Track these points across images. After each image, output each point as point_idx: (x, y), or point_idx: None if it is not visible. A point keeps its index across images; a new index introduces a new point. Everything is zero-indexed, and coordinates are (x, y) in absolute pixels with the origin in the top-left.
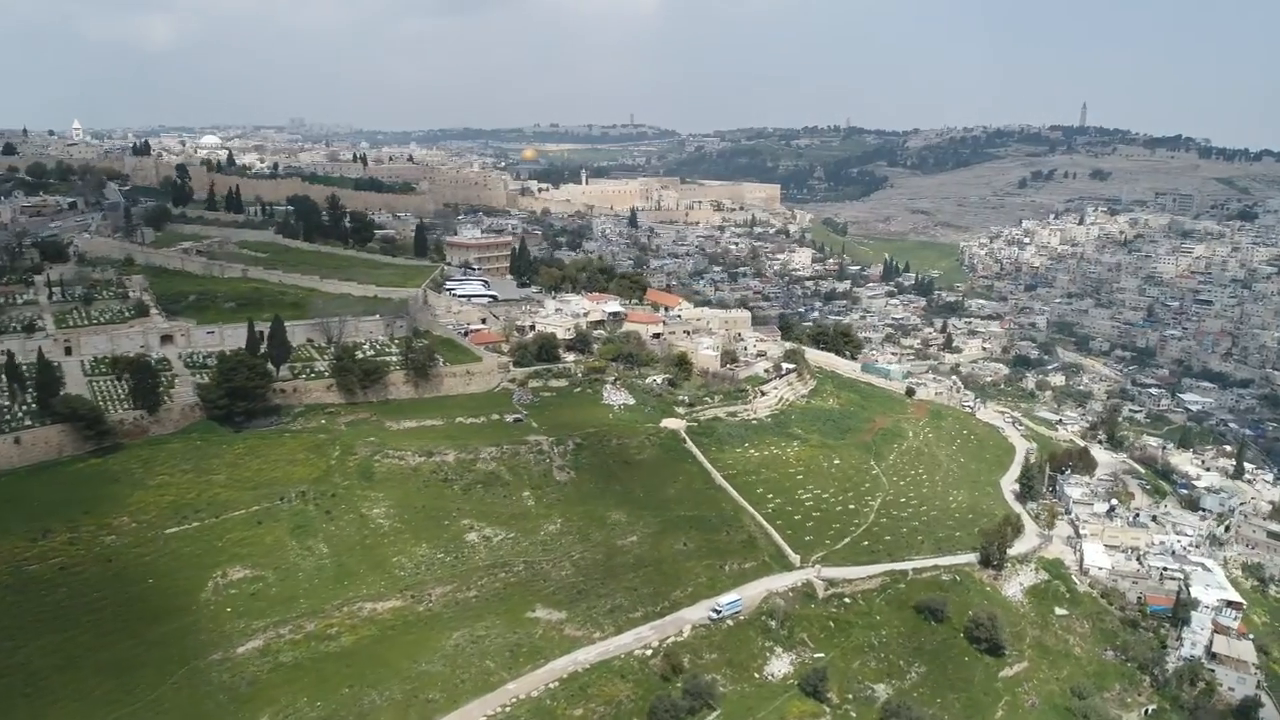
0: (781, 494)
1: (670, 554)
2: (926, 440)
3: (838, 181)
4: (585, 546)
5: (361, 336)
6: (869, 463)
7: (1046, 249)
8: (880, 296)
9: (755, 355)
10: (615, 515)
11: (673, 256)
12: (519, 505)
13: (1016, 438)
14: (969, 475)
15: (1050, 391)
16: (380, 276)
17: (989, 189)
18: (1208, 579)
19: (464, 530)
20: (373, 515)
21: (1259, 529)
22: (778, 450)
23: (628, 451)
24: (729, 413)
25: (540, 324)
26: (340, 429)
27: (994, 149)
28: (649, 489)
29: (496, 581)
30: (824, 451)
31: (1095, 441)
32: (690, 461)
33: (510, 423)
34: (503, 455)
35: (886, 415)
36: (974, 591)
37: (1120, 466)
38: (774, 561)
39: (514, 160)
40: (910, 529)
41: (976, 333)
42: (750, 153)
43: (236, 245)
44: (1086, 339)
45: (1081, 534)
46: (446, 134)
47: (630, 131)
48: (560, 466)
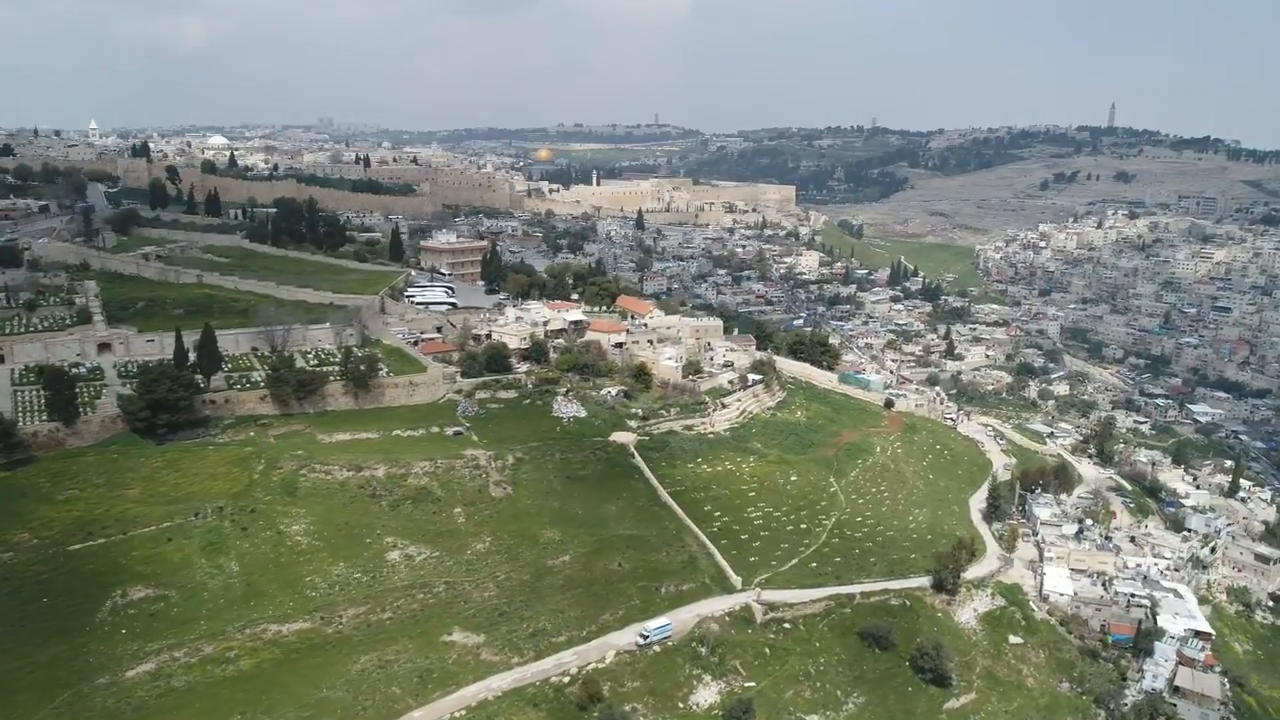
0: (730, 512)
1: (603, 575)
2: (894, 456)
3: (858, 182)
4: (513, 566)
5: (309, 345)
6: (828, 479)
7: (1062, 253)
8: (884, 301)
9: (721, 366)
10: (549, 533)
11: (677, 259)
12: (448, 522)
13: (995, 452)
14: (935, 493)
15: (1053, 401)
16: (341, 283)
17: (1010, 191)
18: (1177, 607)
19: (386, 549)
20: (291, 532)
21: (1246, 551)
22: (732, 466)
23: (571, 466)
24: (685, 426)
25: (497, 333)
26: (269, 442)
27: (1018, 150)
28: (589, 506)
29: (414, 603)
30: (781, 467)
31: (1085, 456)
32: (637, 477)
33: (450, 436)
34: (436, 470)
35: (856, 429)
36: (924, 617)
37: (1106, 483)
38: (714, 583)
39: (533, 160)
40: (863, 550)
41: (981, 339)
42: (772, 153)
43: (200, 250)
44: (1100, 346)
45: (1046, 557)
46: (472, 134)
47: (654, 131)
48: (497, 482)
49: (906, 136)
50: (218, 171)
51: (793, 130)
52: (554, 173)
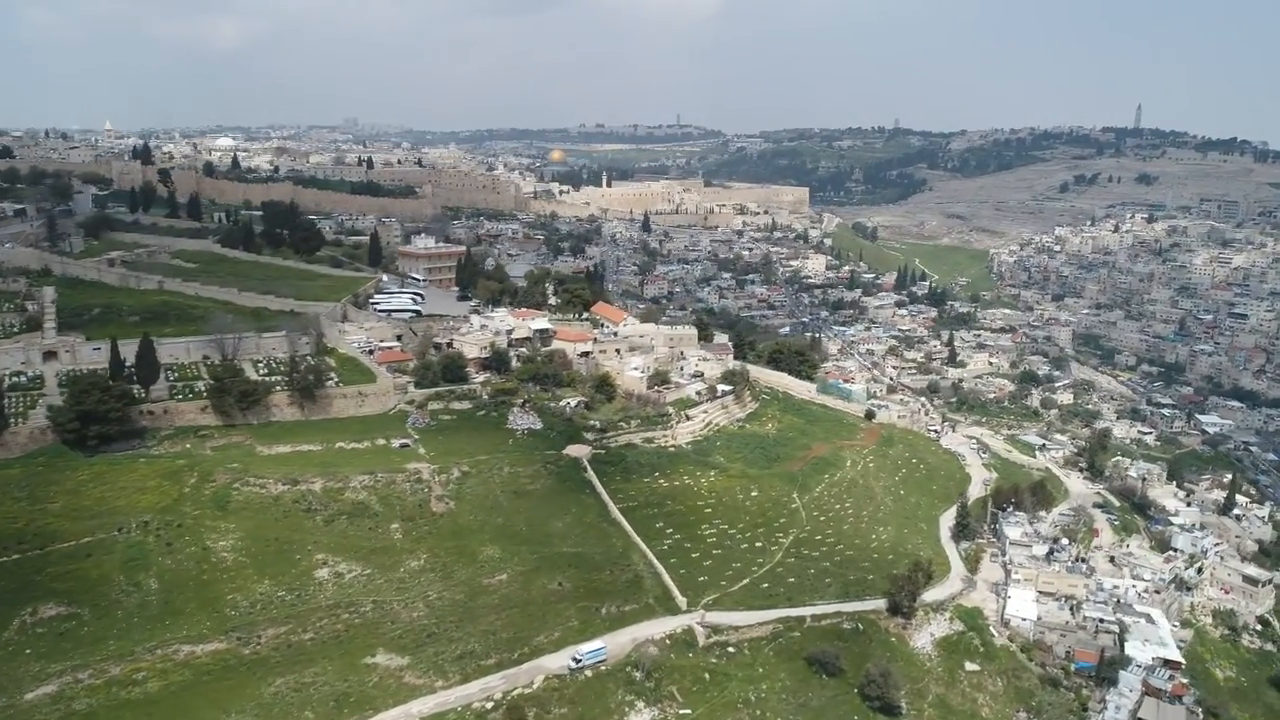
0: (683, 529)
1: (541, 594)
2: (865, 470)
3: (876, 184)
4: (446, 585)
5: (262, 354)
6: (790, 495)
7: (1077, 257)
8: (888, 307)
9: (691, 376)
10: (489, 551)
11: (682, 262)
12: (384, 539)
13: (976, 466)
14: (904, 510)
15: (1056, 410)
16: (306, 289)
17: (1029, 193)
18: (1148, 633)
19: (315, 566)
20: (218, 548)
21: (1234, 572)
22: (690, 481)
23: (519, 481)
24: (645, 439)
25: (458, 341)
26: (205, 454)
27: (1039, 151)
28: (534, 522)
29: (338, 623)
30: (742, 482)
31: (1076, 470)
32: (588, 492)
33: (396, 448)
34: (376, 484)
35: (828, 442)
36: (876, 642)
37: (1093, 499)
38: (658, 604)
39: (548, 162)
40: (819, 570)
41: (985, 346)
42: (791, 154)
43: (169, 255)
44: (1113, 352)
45: (1013, 579)
46: (494, 134)
47: (675, 132)
48: (440, 496)
49: (928, 137)
50: (215, 174)
51: (814, 131)
52: (566, 174)
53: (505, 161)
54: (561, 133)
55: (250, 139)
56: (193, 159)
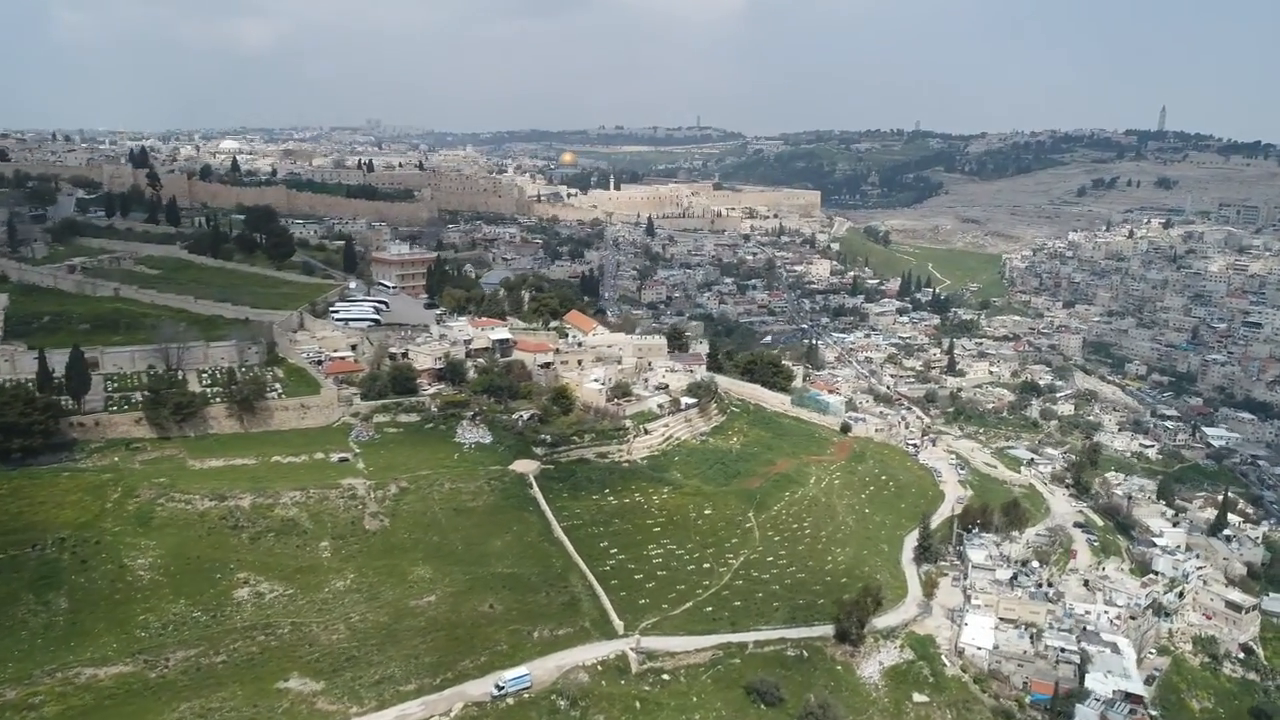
0: (629, 549)
1: (470, 617)
2: (829, 487)
3: (892, 187)
4: (370, 606)
5: (210, 364)
6: (746, 514)
7: (1089, 263)
8: (889, 314)
9: (655, 388)
10: (420, 571)
11: (684, 267)
12: (311, 557)
13: (952, 483)
14: (866, 530)
15: (1056, 421)
16: (267, 297)
17: (1046, 197)
18: (1110, 664)
19: (236, 585)
20: (135, 566)
21: (1217, 597)
22: (641, 498)
23: (460, 497)
24: (599, 453)
25: (413, 352)
26: (134, 467)
27: (1058, 155)
28: (472, 541)
29: (253, 645)
30: (696, 500)
31: (1063, 486)
32: (531, 510)
33: (335, 462)
34: (308, 500)
35: (795, 457)
36: (821, 670)
37: (1075, 518)
38: (594, 628)
39: (557, 164)
40: (767, 594)
41: (987, 355)
42: (808, 156)
43: (133, 262)
44: (1123, 361)
45: (973, 605)
46: (514, 135)
47: (695, 134)
48: (374, 513)
49: (948, 140)
50: (208, 177)
51: (832, 133)
52: (575, 177)
53: (516, 164)
54: (581, 134)
55: (270, 140)
56: (194, 161)
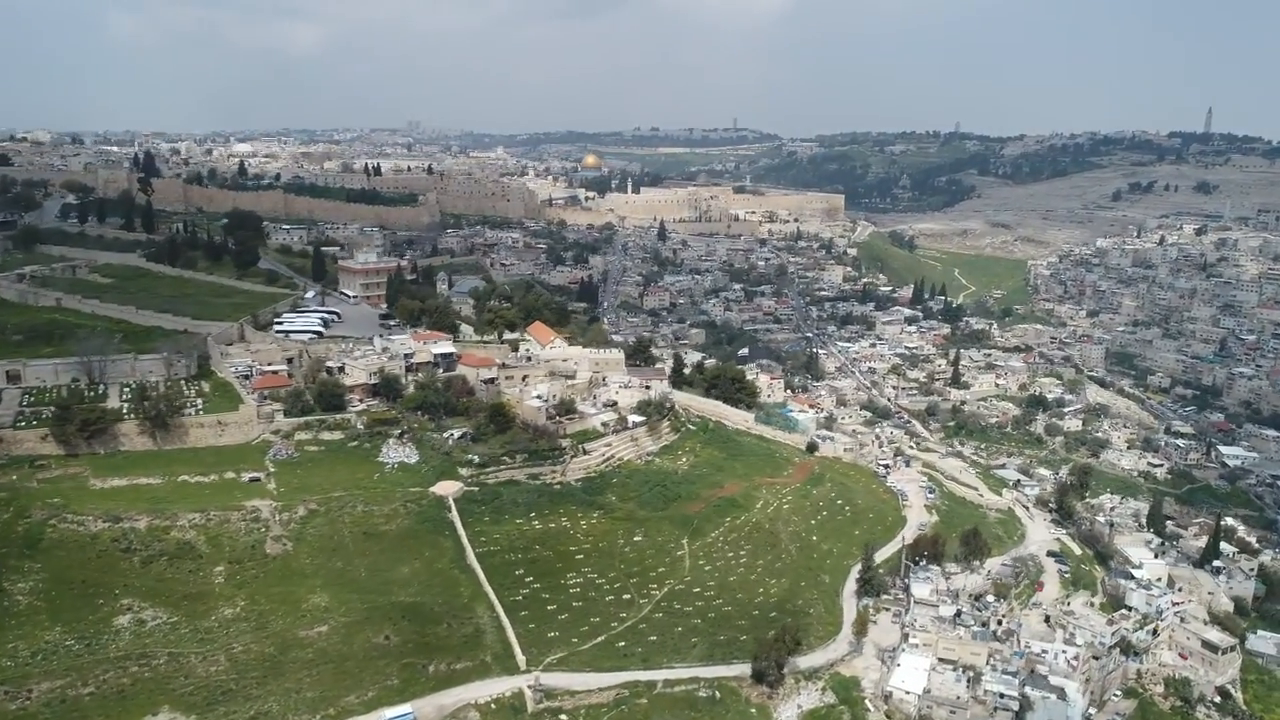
0: (545, 577)
1: (363, 649)
2: (777, 513)
3: (923, 190)
4: (257, 636)
5: (137, 377)
6: (679, 541)
7: (1116, 270)
8: (897, 322)
9: (604, 405)
10: (317, 598)
11: (694, 272)
12: (203, 583)
13: (917, 508)
14: (809, 560)
15: (1061, 437)
16: (213, 307)
17: (1080, 201)
18: (1053, 712)
19: (118, 611)
20: (14, 590)
21: (1194, 636)
22: (568, 522)
23: (372, 520)
24: (530, 475)
25: (349, 366)
26: (31, 486)
27: (1097, 157)
28: (378, 567)
29: (125, 676)
30: (627, 525)
31: (1047, 510)
32: (447, 535)
33: (245, 482)
34: (207, 522)
35: (746, 479)
36: (733, 713)
37: (1050, 545)
38: (495, 663)
39: (576, 167)
40: (688, 628)
41: (995, 366)
42: (841, 158)
43: (89, 270)
44: (1146, 373)
45: (910, 643)
46: (549, 137)
47: (731, 135)
48: (277, 537)
49: (985, 142)
50: (205, 182)
51: (870, 134)
52: (596, 179)
53: (544, 166)
54: (616, 136)
55: (308, 141)
56: (201, 165)
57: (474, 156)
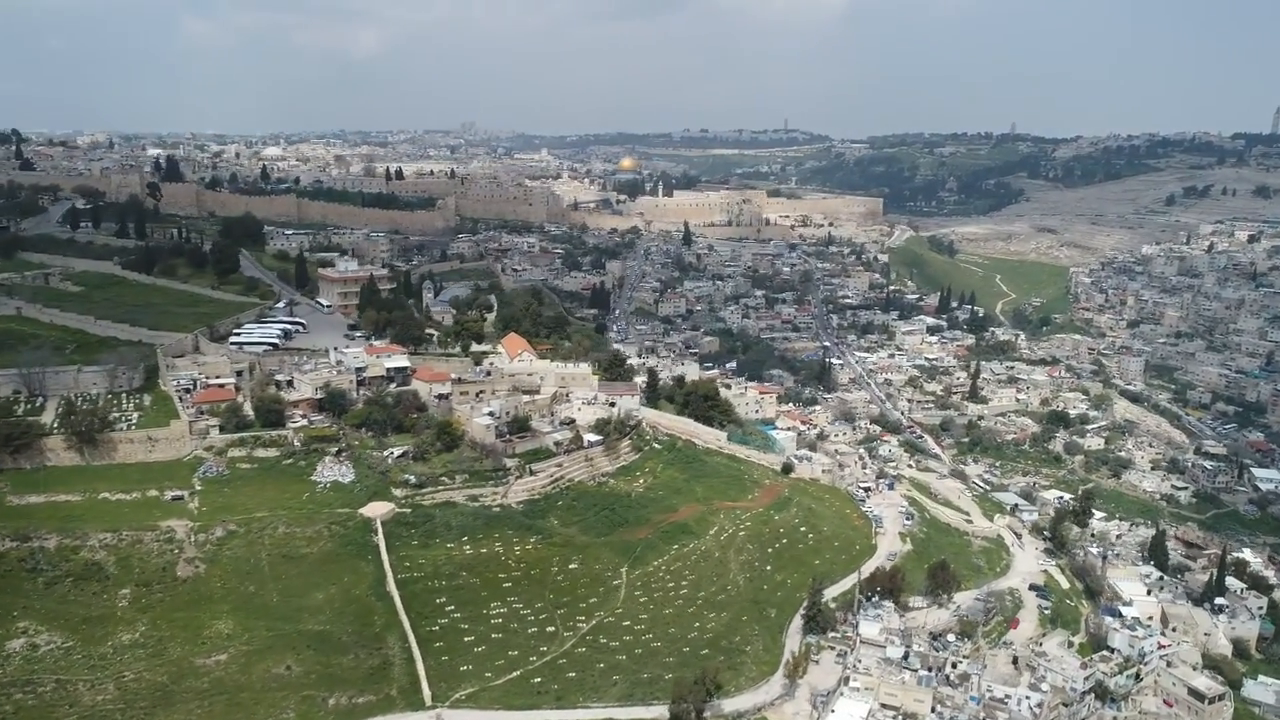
0: (468, 606)
1: (261, 679)
2: (731, 539)
3: (970, 193)
4: (152, 663)
5: (80, 389)
6: (618, 569)
7: (1159, 279)
8: (917, 332)
9: (561, 423)
10: (221, 625)
11: (716, 278)
12: (105, 606)
13: (891, 535)
14: (758, 592)
15: (1081, 456)
16: (174, 318)
17: (1132, 206)
18: None
19: (13, 635)
20: None
21: (1180, 682)
22: (501, 548)
23: (293, 543)
24: (470, 496)
25: (297, 380)
26: None
27: (1153, 160)
28: (293, 592)
29: (9, 704)
30: (564, 551)
31: (1042, 539)
32: (370, 559)
33: (168, 500)
34: (119, 543)
35: (704, 503)
36: None
37: (1035, 577)
38: (400, 697)
39: (615, 169)
40: (611, 664)
41: (1017, 380)
42: (889, 160)
43: (61, 278)
44: (1187, 387)
45: (850, 687)
46: (600, 139)
47: (781, 137)
48: (191, 559)
49: (1039, 144)
50: (218, 186)
51: (922, 135)
52: (628, 182)
53: (578, 168)
54: (665, 137)
55: (361, 144)
56: (228, 168)
57: (517, 158)
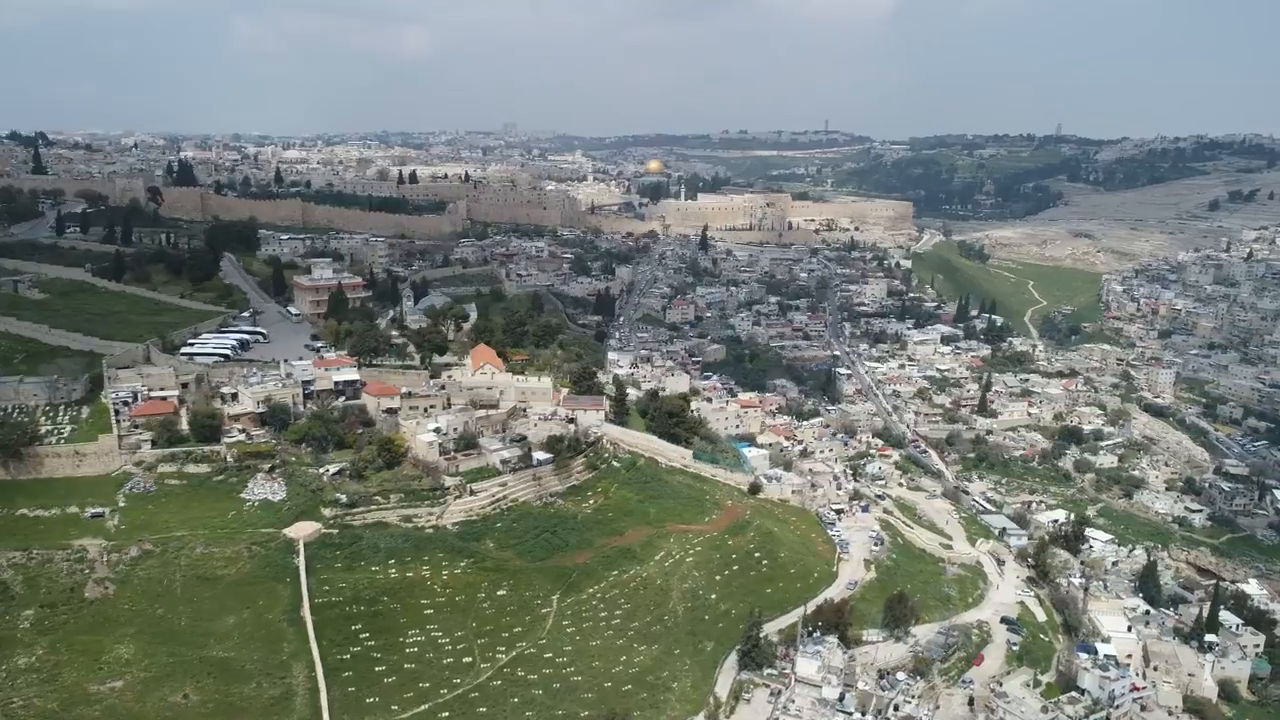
0: (384, 634)
1: (156, 709)
2: (676, 565)
3: (1008, 197)
4: (44, 690)
5: (20, 400)
6: (549, 597)
7: (1194, 287)
8: (930, 342)
9: (512, 440)
10: (122, 649)
11: (731, 284)
12: (7, 628)
13: (856, 561)
14: (697, 623)
15: (1092, 474)
16: (132, 327)
17: (1174, 210)
18: None
19: None
20: None
21: None
22: (429, 572)
23: (210, 564)
24: (403, 517)
25: (242, 393)
26: None
27: (1199, 162)
28: (201, 616)
29: None
30: (495, 577)
31: (1025, 565)
32: (288, 582)
33: (88, 518)
34: (27, 562)
35: (656, 525)
36: None
37: (1010, 609)
38: None
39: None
40: (525, 699)
41: (1031, 393)
42: (927, 162)
43: (29, 284)
44: (1218, 401)
45: None
46: (639, 140)
47: (820, 138)
48: (100, 579)
49: (1083, 145)
50: (224, 190)
51: (965, 136)
52: (651, 185)
53: (610, 170)
54: (704, 139)
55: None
56: (240, 171)
57: (550, 160)
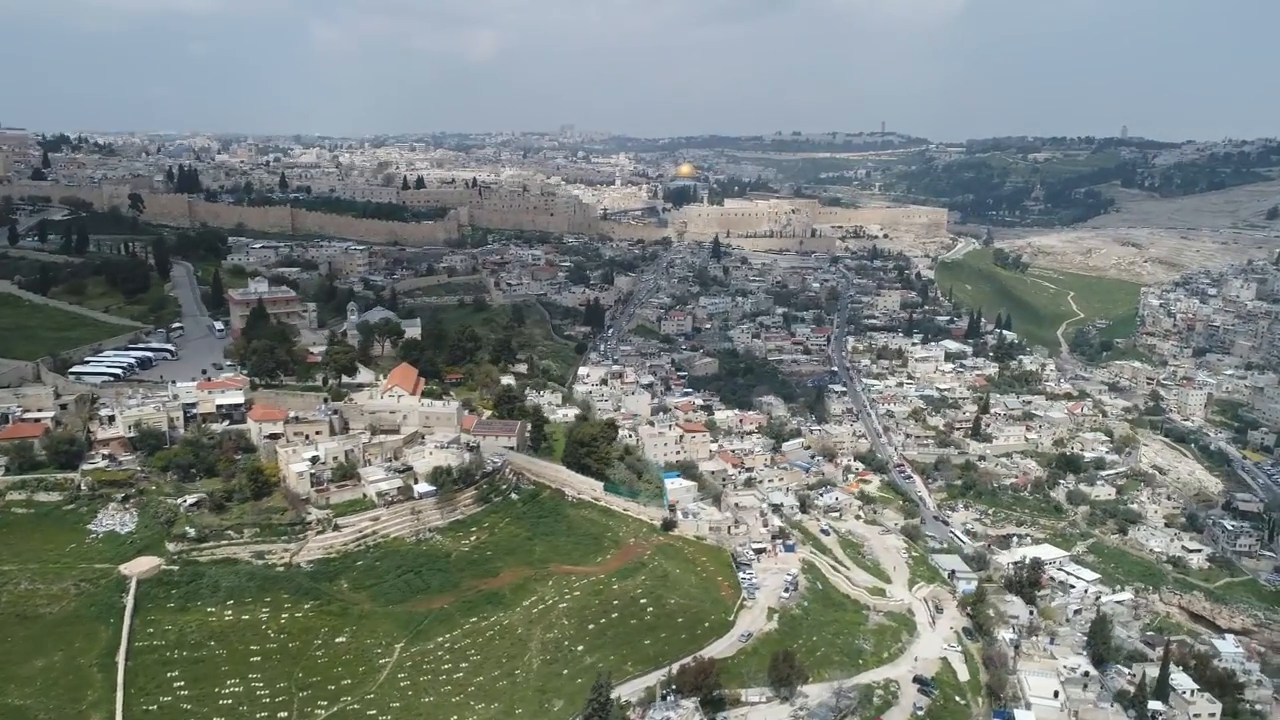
0: (201, 682)
1: None
2: (545, 613)
3: (1058, 202)
4: None
5: None
6: (391, 646)
7: (1234, 303)
8: (931, 360)
9: (397, 470)
10: None
11: (739, 294)
12: None
13: (760, 609)
14: (553, 681)
15: (1086, 507)
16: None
17: (1230, 219)
18: None
19: None
20: None
21: None
22: (268, 614)
23: (33, 602)
24: (257, 552)
25: (119, 416)
26: None
27: (1264, 168)
28: (10, 659)
29: None
30: (336, 622)
31: (964, 614)
32: (112, 623)
33: None
34: None
35: (539, 565)
36: None
37: (928, 666)
38: None
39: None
40: None
41: (1032, 416)
42: (979, 166)
43: None
44: (1250, 426)
45: None
46: (691, 141)
47: (875, 140)
48: None
49: (1143, 149)
50: (210, 197)
51: (1025, 139)
52: (678, 190)
53: (651, 173)
54: (755, 140)
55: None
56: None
57: (593, 162)
